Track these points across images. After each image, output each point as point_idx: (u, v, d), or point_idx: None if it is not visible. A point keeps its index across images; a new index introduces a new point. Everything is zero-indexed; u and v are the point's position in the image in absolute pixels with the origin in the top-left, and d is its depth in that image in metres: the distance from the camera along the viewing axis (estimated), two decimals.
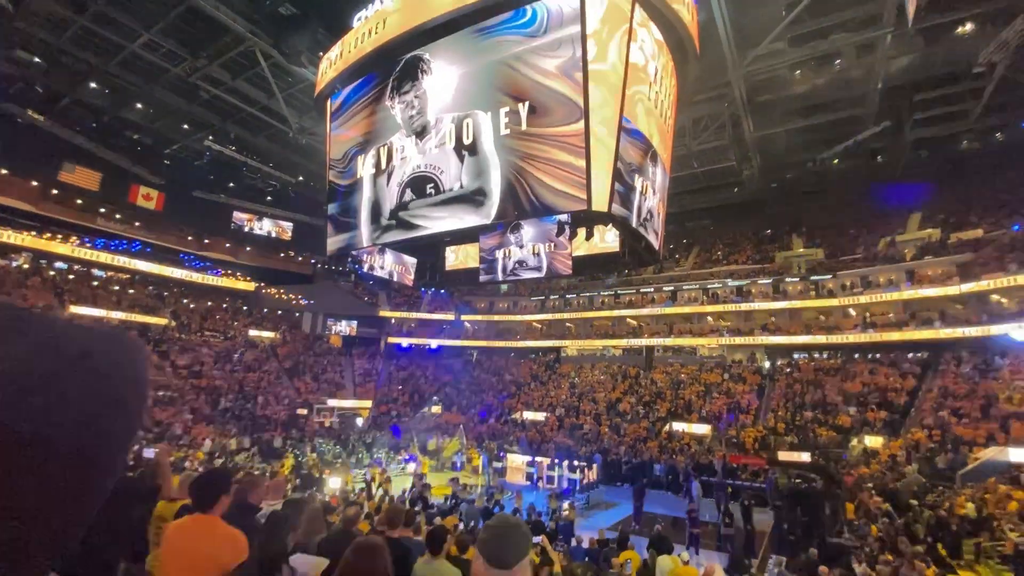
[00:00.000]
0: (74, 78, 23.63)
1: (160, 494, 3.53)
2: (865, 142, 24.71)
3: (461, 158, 8.78)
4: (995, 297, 22.56)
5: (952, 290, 23.30)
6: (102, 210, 31.05)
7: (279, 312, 39.02)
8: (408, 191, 9.71)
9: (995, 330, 21.13)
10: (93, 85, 24.51)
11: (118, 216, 31.76)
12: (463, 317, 39.95)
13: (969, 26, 19.64)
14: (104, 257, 30.30)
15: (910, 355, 24.38)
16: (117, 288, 31.34)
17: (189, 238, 35.23)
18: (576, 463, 19.64)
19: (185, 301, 34.46)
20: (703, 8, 13.12)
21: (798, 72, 21.57)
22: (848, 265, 28.01)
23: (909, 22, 15.71)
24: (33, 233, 27.86)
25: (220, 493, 2.54)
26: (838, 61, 20.92)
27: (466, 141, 8.90)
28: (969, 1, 18.52)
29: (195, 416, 24.79)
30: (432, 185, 9.24)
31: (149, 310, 31.06)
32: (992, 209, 26.23)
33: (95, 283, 30.58)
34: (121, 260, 30.96)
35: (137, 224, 32.53)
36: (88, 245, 29.95)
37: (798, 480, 16.65)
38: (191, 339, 31.28)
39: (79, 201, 30.14)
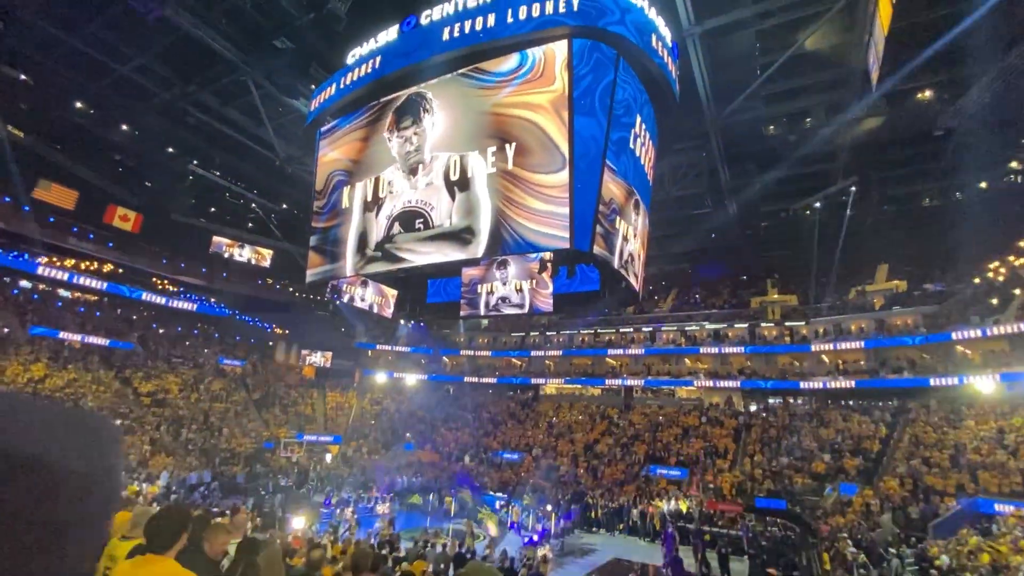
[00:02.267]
0: (60, 96, 23.50)
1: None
2: (834, 195, 25.88)
3: (452, 195, 8.90)
4: (960, 348, 23.32)
5: (919, 340, 24.04)
6: (75, 229, 30.24)
7: (252, 340, 38.00)
8: (396, 224, 9.75)
9: (957, 380, 21.77)
10: (79, 104, 24.39)
11: (92, 236, 30.95)
12: (441, 352, 39.45)
13: (929, 93, 21.12)
14: (72, 277, 29.29)
15: (880, 403, 24.83)
16: (83, 310, 30.24)
17: (164, 261, 34.40)
18: (548, 508, 19.07)
19: (155, 326, 33.37)
20: (683, 63, 13.85)
21: (772, 127, 22.74)
22: (821, 312, 28.78)
23: (873, 87, 16.79)
24: None
25: (178, 533, 2.39)
26: (808, 119, 22.17)
27: (455, 178, 9.04)
28: (928, 70, 19.96)
29: (154, 447, 23.57)
30: (421, 220, 9.30)
31: (115, 333, 29.94)
32: (954, 263, 27.49)
33: (60, 303, 29.47)
34: (90, 281, 29.97)
35: (111, 245, 31.70)
36: (56, 264, 28.97)
37: (774, 529, 16.50)
38: (157, 365, 30.12)
39: (52, 219, 29.37)
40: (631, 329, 34.38)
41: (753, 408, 28.35)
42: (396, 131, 10.29)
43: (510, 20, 9.15)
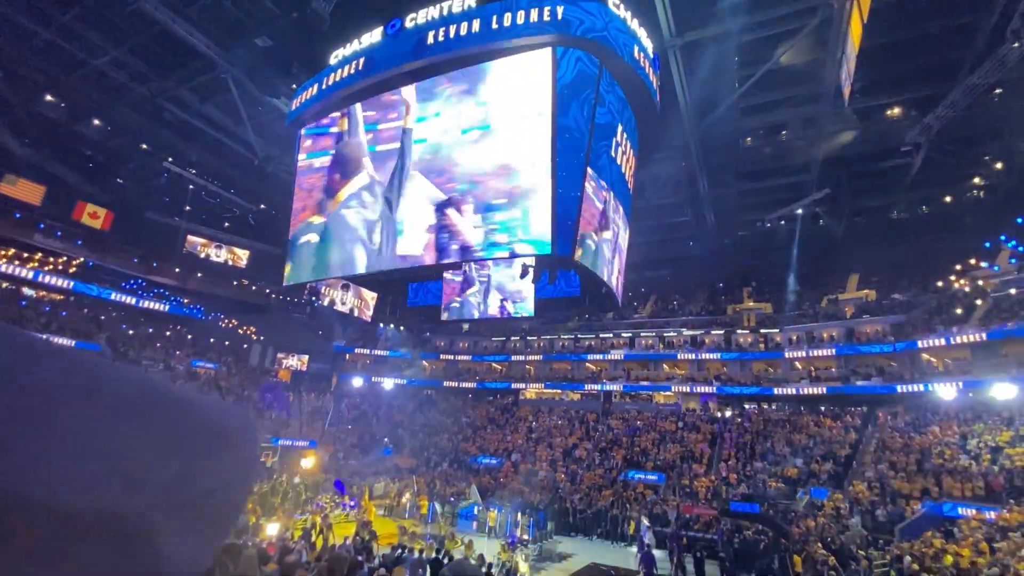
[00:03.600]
0: (30, 88, 22.76)
1: None
2: (808, 206, 26.66)
3: (434, 200, 8.90)
4: (925, 356, 24.16)
5: (887, 348, 24.84)
6: (42, 225, 29.16)
7: (226, 343, 37.12)
8: (379, 227, 9.70)
9: (923, 388, 22.57)
10: (49, 97, 23.66)
11: (59, 233, 29.87)
12: (420, 356, 39.15)
13: (897, 110, 21.96)
14: (36, 275, 28.18)
15: (851, 408, 25.54)
16: (48, 309, 29.14)
17: (135, 260, 33.35)
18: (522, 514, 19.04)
19: (124, 327, 32.34)
20: (665, 75, 14.13)
21: (749, 139, 23.35)
22: (794, 320, 29.50)
23: (845, 103, 17.40)
24: None
25: None
26: (784, 132, 22.83)
27: (440, 185, 9.05)
28: (896, 88, 20.78)
29: None
30: (405, 223, 9.26)
31: (82, 334, 28.92)
32: (920, 274, 28.52)
33: (23, 302, 28.36)
34: (56, 279, 28.89)
35: (79, 243, 30.62)
36: (18, 261, 27.85)
37: (748, 532, 16.78)
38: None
39: (17, 215, 28.28)
40: (611, 335, 34.68)
41: (728, 413, 28.84)
42: (377, 133, 10.26)
43: (495, 27, 9.21)
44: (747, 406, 28.87)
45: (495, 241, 9.68)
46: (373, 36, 10.93)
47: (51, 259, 29.45)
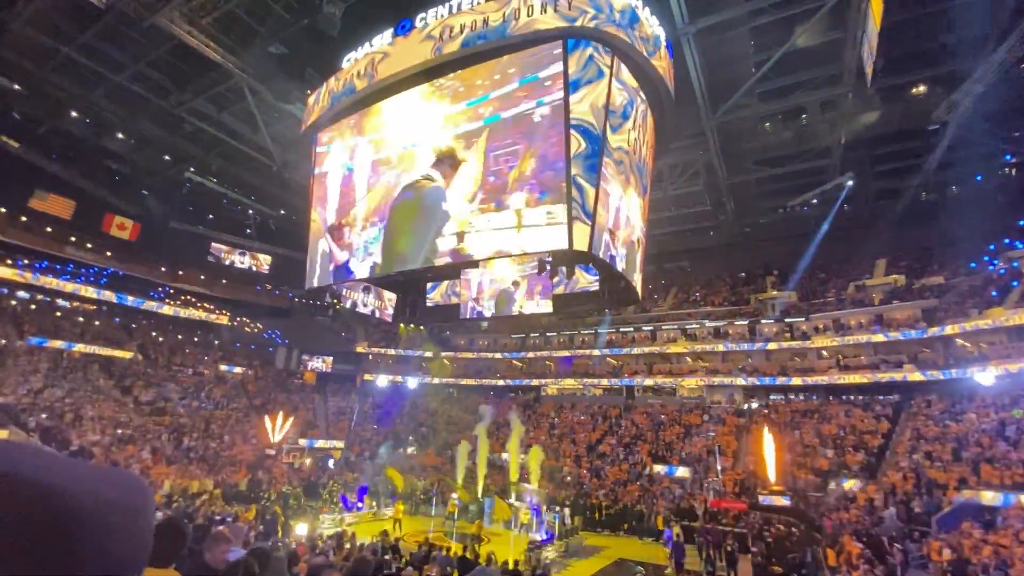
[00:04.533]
0: (55, 106, 23.49)
1: None
2: (831, 191, 25.92)
3: (455, 198, 8.90)
4: (960, 341, 23.34)
5: (919, 334, 24.07)
6: (72, 239, 30.19)
7: (252, 346, 37.94)
8: (398, 230, 9.74)
9: (958, 373, 21.82)
10: (74, 114, 24.37)
11: (89, 245, 30.87)
12: (442, 354, 39.40)
13: (922, 88, 21.16)
14: (70, 286, 29.20)
15: (882, 397, 24.84)
16: (82, 319, 30.17)
17: (163, 269, 34.34)
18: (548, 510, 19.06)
19: (154, 334, 33.29)
20: (679, 63, 13.87)
21: (767, 124, 22.78)
22: (820, 308, 28.78)
23: (868, 83, 16.83)
24: None
25: (178, 545, 2.37)
26: (804, 116, 22.20)
27: (456, 181, 9.04)
28: (921, 65, 20.02)
29: (155, 456, 23.50)
30: (423, 224, 9.29)
31: (114, 343, 29.88)
32: (951, 257, 27.53)
33: (58, 313, 29.41)
34: (88, 290, 29.90)
35: (109, 254, 31.63)
36: (52, 274, 28.87)
37: (780, 526, 16.49)
38: (157, 374, 30.05)
39: (49, 229, 29.32)
40: (632, 328, 34.36)
41: (755, 405, 28.34)
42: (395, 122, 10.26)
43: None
44: (773, 397, 28.34)
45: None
46: (384, 38, 10.95)
47: (83, 271, 30.47)
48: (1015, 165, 26.15)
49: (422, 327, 37.45)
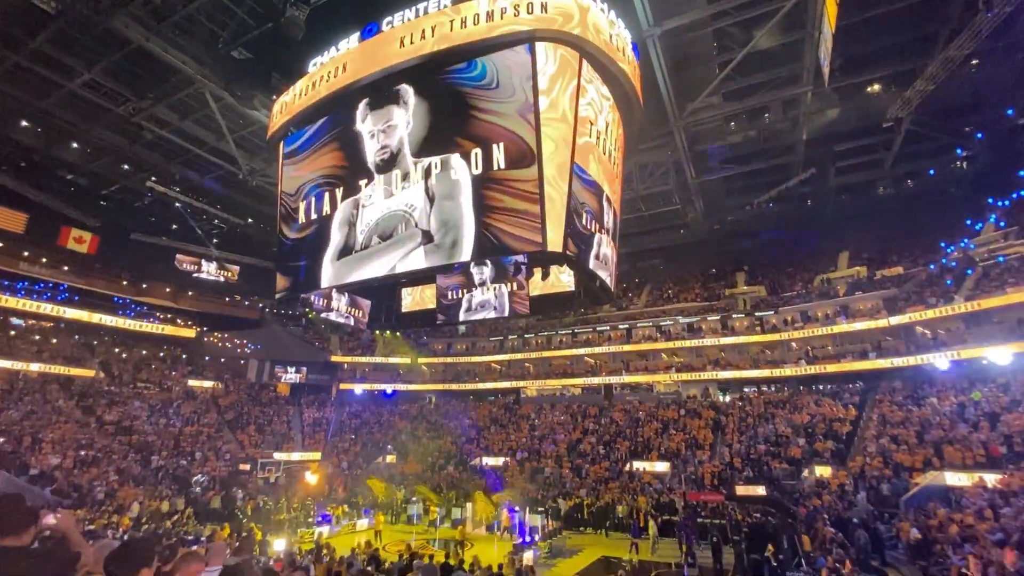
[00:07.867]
0: (3, 115, 22.39)
1: (79, 564, 3.07)
2: (795, 187, 26.77)
3: (430, 201, 8.82)
4: (920, 329, 24.36)
5: (881, 323, 25.02)
6: (26, 253, 28.75)
7: (222, 360, 36.80)
8: (371, 233, 9.59)
9: (920, 359, 22.79)
10: (24, 123, 23.30)
11: (44, 260, 29.45)
12: (420, 359, 39.02)
13: (877, 86, 22.08)
14: (25, 304, 27.73)
15: (849, 386, 25.73)
16: (38, 337, 28.80)
17: (124, 283, 32.97)
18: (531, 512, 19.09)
19: (117, 350, 32.02)
20: (645, 65, 14.10)
21: (732, 124, 23.38)
22: (788, 301, 29.66)
23: (825, 82, 17.46)
24: None
25: (141, 567, 2.26)
26: (767, 115, 22.88)
27: (432, 184, 8.97)
28: (876, 64, 20.89)
29: (121, 477, 22.55)
30: (397, 227, 9.17)
31: (74, 361, 28.61)
32: (909, 248, 28.77)
33: (12, 332, 27.99)
34: (44, 307, 28.51)
35: (66, 268, 30.21)
36: (6, 291, 27.39)
37: (757, 515, 16.85)
38: (121, 392, 28.89)
39: (0, 244, 27.87)
40: (608, 327, 34.72)
41: (729, 398, 28.97)
42: (367, 124, 10.11)
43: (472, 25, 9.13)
44: (746, 389, 29.02)
45: None
46: (351, 42, 10.79)
47: (38, 287, 29.04)
48: (966, 159, 27.52)
49: (398, 333, 37.04)
